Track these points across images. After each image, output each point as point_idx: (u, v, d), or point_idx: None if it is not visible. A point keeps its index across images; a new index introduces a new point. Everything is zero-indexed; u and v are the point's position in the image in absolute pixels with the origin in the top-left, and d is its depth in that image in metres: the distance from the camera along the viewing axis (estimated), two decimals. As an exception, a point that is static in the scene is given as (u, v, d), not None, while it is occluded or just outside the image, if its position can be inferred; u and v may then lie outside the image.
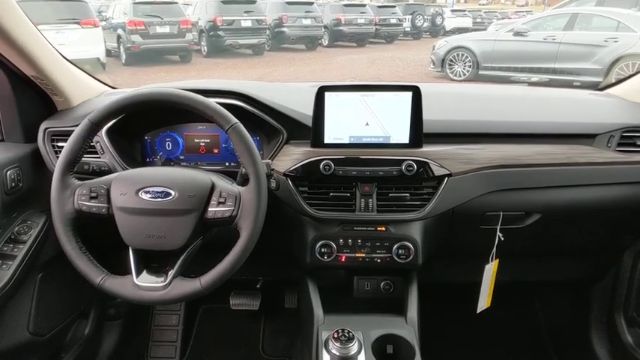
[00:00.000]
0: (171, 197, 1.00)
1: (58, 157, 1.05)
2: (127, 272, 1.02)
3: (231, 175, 1.17)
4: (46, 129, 1.33)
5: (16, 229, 1.29)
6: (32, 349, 1.40)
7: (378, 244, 1.28)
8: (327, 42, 12.90)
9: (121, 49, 9.79)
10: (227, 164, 1.39)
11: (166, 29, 9.67)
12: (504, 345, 1.88)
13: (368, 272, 1.41)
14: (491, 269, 1.38)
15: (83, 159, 1.23)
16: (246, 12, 10.96)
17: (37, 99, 1.37)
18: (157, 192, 1.00)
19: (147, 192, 1.00)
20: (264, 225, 1.01)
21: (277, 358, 1.90)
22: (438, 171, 1.22)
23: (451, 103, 1.48)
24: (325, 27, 12.51)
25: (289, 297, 1.96)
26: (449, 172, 1.23)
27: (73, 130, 1.04)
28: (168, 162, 1.40)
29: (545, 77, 6.73)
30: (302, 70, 8.80)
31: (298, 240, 1.31)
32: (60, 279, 1.50)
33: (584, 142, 1.32)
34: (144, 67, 9.02)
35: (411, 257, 1.27)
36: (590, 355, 1.70)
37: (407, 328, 1.22)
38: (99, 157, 1.29)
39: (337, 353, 1.11)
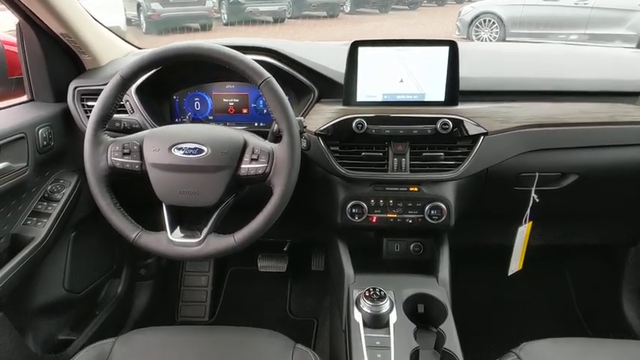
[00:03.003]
0: (203, 154, 0.99)
1: (88, 117, 1.05)
2: (161, 229, 1.03)
3: (261, 135, 1.15)
4: (75, 88, 1.33)
5: (50, 187, 1.31)
6: (68, 305, 1.44)
7: (410, 204, 1.26)
8: (348, 8, 12.60)
9: (141, 18, 9.72)
10: (256, 124, 1.38)
11: (186, -4, 9.59)
12: (533, 309, 1.86)
13: (398, 234, 1.39)
14: (524, 232, 1.35)
15: (114, 116, 1.23)
16: (266, -22, 10.76)
17: (65, 58, 1.37)
18: (190, 148, 0.99)
19: (179, 148, 0.99)
20: (296, 184, 1.00)
21: (304, 318, 1.92)
22: (473, 130, 1.18)
23: (487, 60, 1.43)
24: (347, -8, 12.22)
25: (316, 260, 1.97)
26: (485, 131, 1.19)
27: (103, 89, 1.03)
28: (197, 122, 1.39)
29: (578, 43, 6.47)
30: (325, 36, 8.62)
31: (329, 200, 1.30)
32: (93, 238, 1.53)
33: (627, 101, 1.26)
34: (164, 36, 8.97)
35: (443, 218, 1.25)
36: (620, 320, 1.67)
37: (439, 288, 1.21)
38: (129, 116, 1.28)
39: (369, 311, 1.10)
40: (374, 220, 1.27)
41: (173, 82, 1.37)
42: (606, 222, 1.57)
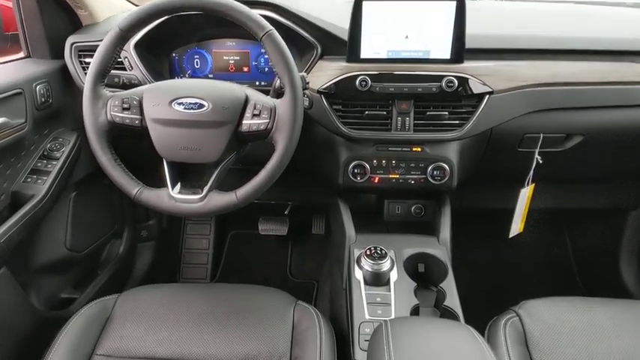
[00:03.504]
0: (204, 108, 0.97)
1: (86, 74, 1.02)
2: (163, 186, 1.02)
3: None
4: (72, 44, 1.30)
5: (49, 145, 1.30)
6: (70, 264, 1.44)
7: (412, 165, 1.25)
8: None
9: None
10: (257, 83, 1.35)
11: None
12: (532, 271, 1.88)
13: (399, 195, 1.39)
14: (526, 193, 1.34)
15: (113, 72, 1.21)
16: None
17: (62, 13, 1.33)
18: (191, 103, 0.97)
19: (180, 103, 0.98)
20: (297, 145, 0.99)
21: (304, 280, 1.95)
22: (479, 88, 1.16)
23: (495, 17, 1.39)
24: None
25: (316, 223, 1.98)
26: (490, 90, 1.17)
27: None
28: None
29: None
30: None
31: (331, 161, 1.29)
32: (93, 199, 1.52)
33: (638, 60, 1.24)
34: None
35: (445, 179, 1.24)
36: (617, 283, 1.69)
37: (439, 247, 1.22)
38: (129, 72, 1.26)
39: (370, 269, 1.11)
40: (376, 181, 1.27)
41: (172, 39, 1.34)
42: (608, 185, 1.56)
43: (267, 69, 1.35)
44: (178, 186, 1.02)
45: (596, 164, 1.41)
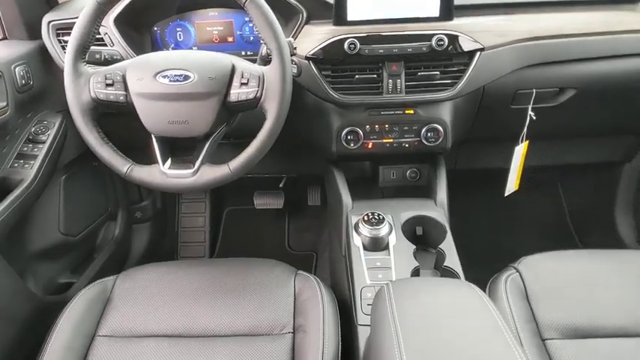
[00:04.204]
0: (190, 80, 0.94)
1: (65, 53, 0.99)
2: (153, 162, 1.00)
3: None
4: (49, 22, 1.25)
5: (33, 129, 1.27)
6: (65, 248, 1.43)
7: (406, 127, 1.23)
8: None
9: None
10: (243, 53, 1.32)
11: None
12: (529, 228, 1.90)
13: (394, 160, 1.38)
14: (520, 151, 1.34)
15: (94, 48, 1.17)
16: None
17: None
18: (176, 75, 0.94)
19: (165, 76, 0.95)
20: (288, 115, 0.97)
21: (303, 252, 1.95)
22: (469, 45, 1.14)
23: None
24: None
25: (312, 194, 1.97)
26: (481, 47, 1.14)
27: None
28: None
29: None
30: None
31: (323, 128, 1.27)
32: (84, 180, 1.50)
33: (625, 8, 1.22)
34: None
35: (440, 140, 1.23)
36: (613, 236, 1.70)
37: (437, 209, 1.21)
38: (110, 48, 1.22)
39: (368, 235, 1.11)
40: (370, 146, 1.25)
41: (153, 12, 1.29)
42: (602, 139, 1.56)
43: (252, 38, 1.31)
44: (169, 161, 1.00)
45: (589, 118, 1.40)
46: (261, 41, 0.96)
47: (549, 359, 0.90)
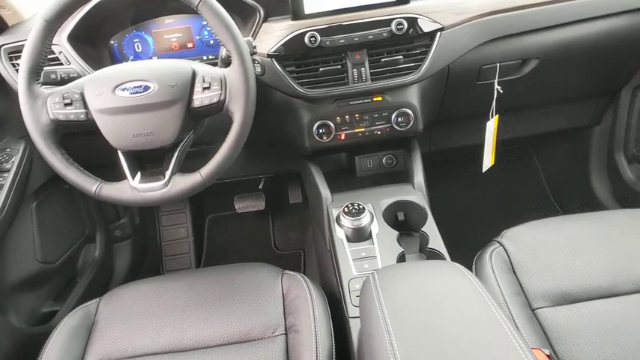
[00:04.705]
0: (151, 90, 0.92)
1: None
2: (123, 179, 0.98)
3: None
4: (0, 46, 1.21)
5: (-3, 158, 1.23)
6: (45, 276, 1.39)
7: (376, 115, 1.23)
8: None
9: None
10: (205, 57, 1.30)
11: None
12: (510, 201, 1.92)
13: (369, 149, 1.38)
14: (492, 126, 1.35)
15: (49, 68, 1.14)
16: None
17: None
18: (135, 87, 0.92)
19: (124, 89, 0.92)
20: (256, 115, 0.95)
21: (290, 251, 1.94)
22: (429, 26, 1.14)
23: None
24: None
25: (292, 192, 1.96)
26: (441, 26, 1.14)
27: None
28: None
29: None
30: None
31: (294, 125, 1.26)
32: (57, 205, 1.46)
33: None
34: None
35: (411, 124, 1.23)
36: (591, 198, 1.73)
37: (416, 193, 1.21)
38: (66, 67, 1.19)
39: (350, 226, 1.10)
40: (342, 138, 1.25)
41: (108, 26, 1.26)
42: (570, 105, 1.58)
43: (212, 41, 1.29)
44: (139, 175, 0.98)
45: (554, 86, 1.41)
46: (220, 43, 0.94)
47: (541, 328, 0.90)
